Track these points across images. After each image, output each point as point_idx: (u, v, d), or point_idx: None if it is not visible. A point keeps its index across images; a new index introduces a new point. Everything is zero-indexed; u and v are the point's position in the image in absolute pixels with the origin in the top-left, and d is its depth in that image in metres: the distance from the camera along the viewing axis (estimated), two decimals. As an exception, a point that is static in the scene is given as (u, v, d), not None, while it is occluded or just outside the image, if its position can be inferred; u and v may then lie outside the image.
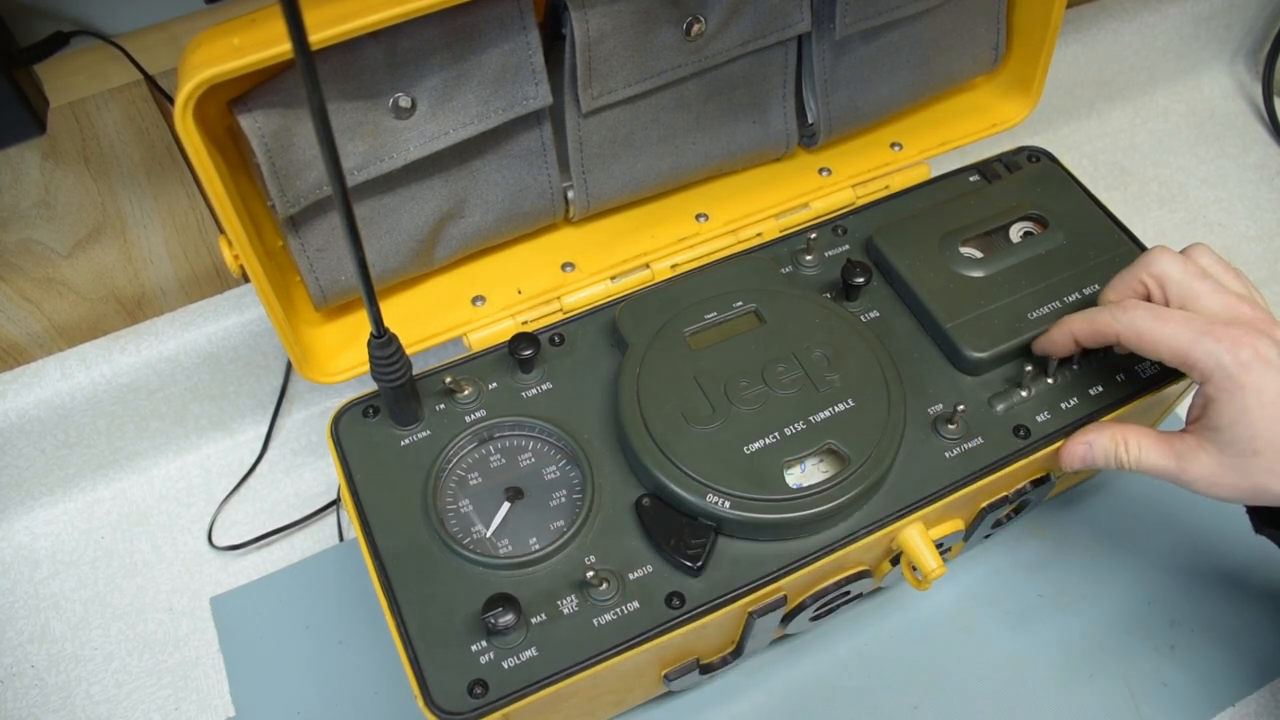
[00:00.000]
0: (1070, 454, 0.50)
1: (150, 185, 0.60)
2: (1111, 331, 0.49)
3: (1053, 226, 0.57)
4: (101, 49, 0.53)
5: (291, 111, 0.46)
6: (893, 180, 0.64)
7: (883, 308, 0.56)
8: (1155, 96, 0.89)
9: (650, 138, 0.57)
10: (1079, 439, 0.50)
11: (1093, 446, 0.50)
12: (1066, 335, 0.51)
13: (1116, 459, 0.49)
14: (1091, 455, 0.50)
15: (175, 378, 0.64)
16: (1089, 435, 0.50)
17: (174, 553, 0.65)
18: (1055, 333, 0.52)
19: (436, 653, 0.45)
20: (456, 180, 0.54)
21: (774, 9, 0.55)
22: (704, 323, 0.54)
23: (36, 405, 0.61)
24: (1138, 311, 0.48)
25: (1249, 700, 0.58)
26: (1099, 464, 0.50)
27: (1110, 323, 0.49)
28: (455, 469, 0.50)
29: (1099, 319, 0.49)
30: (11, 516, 0.65)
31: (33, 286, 0.61)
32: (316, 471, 0.68)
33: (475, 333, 0.57)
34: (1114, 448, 0.49)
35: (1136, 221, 0.81)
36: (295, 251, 0.52)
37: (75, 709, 0.59)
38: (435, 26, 0.47)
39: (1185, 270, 0.49)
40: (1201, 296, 0.48)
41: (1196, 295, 0.48)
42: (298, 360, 0.54)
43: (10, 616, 0.62)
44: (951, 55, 0.64)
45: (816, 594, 0.50)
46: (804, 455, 0.49)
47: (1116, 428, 0.49)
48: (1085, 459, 0.50)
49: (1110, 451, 0.49)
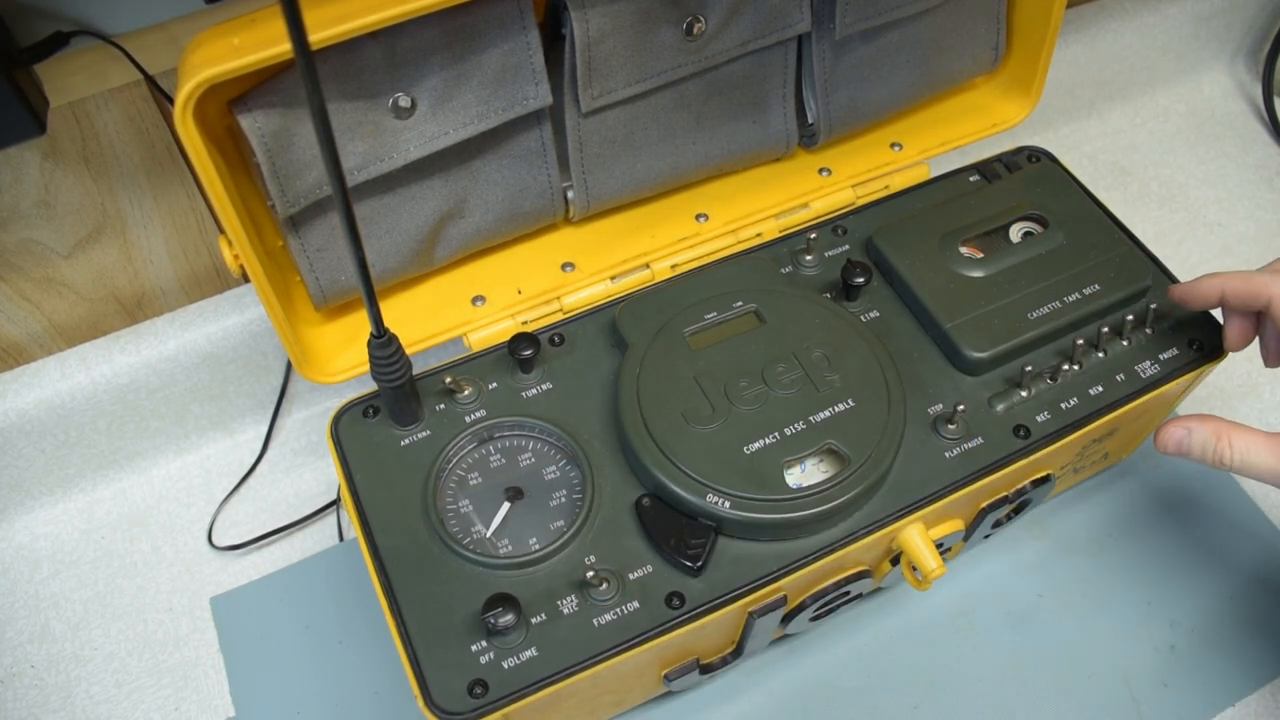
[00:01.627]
0: (1167, 436, 0.47)
1: (150, 185, 0.60)
2: (1266, 294, 0.46)
3: (1053, 226, 0.58)
4: (101, 49, 0.53)
5: (291, 111, 0.46)
6: (893, 180, 0.64)
7: (883, 308, 0.56)
8: (1155, 96, 0.89)
9: (650, 138, 0.58)
10: (1179, 423, 0.47)
11: (1191, 434, 0.47)
12: (1215, 289, 0.48)
13: (1216, 454, 0.46)
14: (1189, 442, 0.47)
15: (175, 378, 0.64)
16: (1190, 422, 0.47)
17: (174, 553, 0.65)
18: (1204, 284, 0.49)
19: (436, 653, 0.45)
20: (456, 180, 0.54)
21: (774, 9, 0.55)
22: (704, 323, 0.54)
23: (36, 405, 0.61)
24: None
25: (1249, 700, 0.58)
26: (1193, 454, 0.47)
27: (1268, 284, 0.46)
28: (455, 469, 0.50)
29: (1255, 279, 0.46)
30: (11, 516, 0.65)
31: (33, 286, 0.61)
32: (316, 471, 0.68)
33: (475, 333, 0.57)
34: (1214, 442, 0.46)
35: (1136, 221, 0.81)
36: (295, 251, 0.52)
37: (75, 709, 0.59)
38: (435, 26, 0.47)
39: None
40: None
41: None
42: (298, 360, 0.54)
43: (10, 616, 0.62)
44: (951, 55, 0.64)
45: (816, 594, 0.50)
46: (804, 455, 0.49)
47: (1223, 422, 0.46)
48: (1182, 445, 0.47)
49: (1210, 445, 0.46)
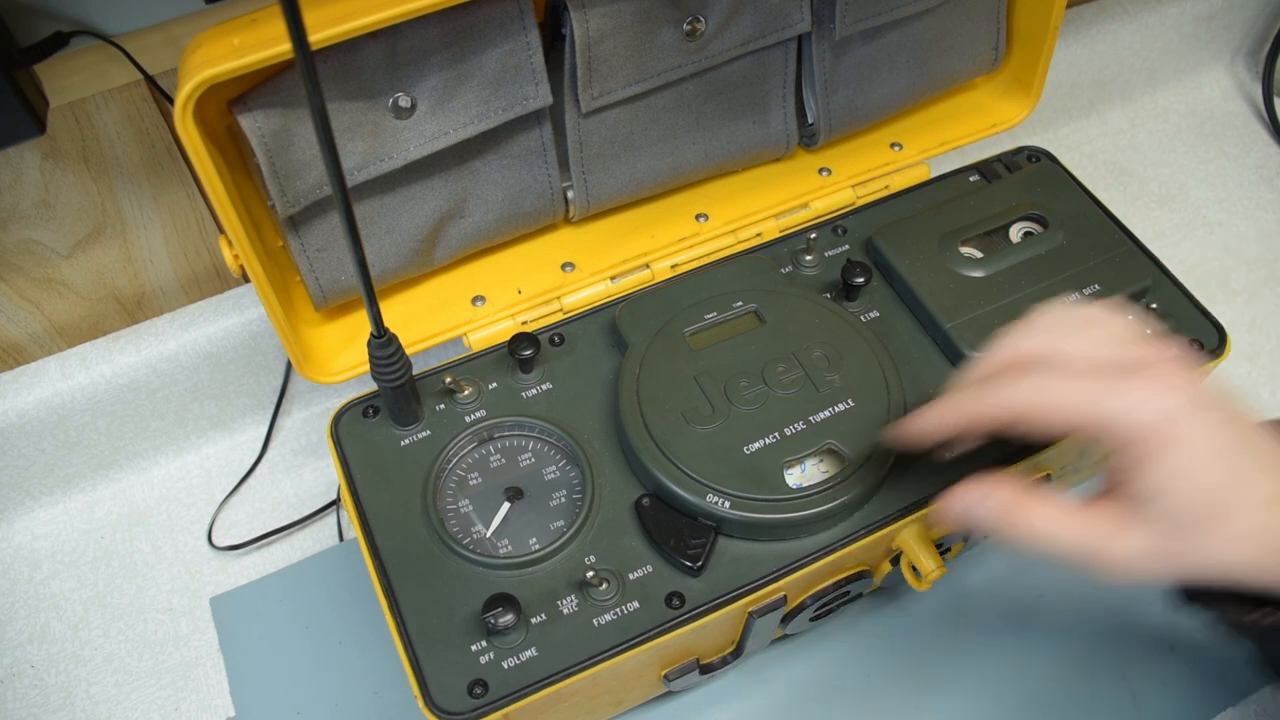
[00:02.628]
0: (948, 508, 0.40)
1: (150, 185, 0.60)
2: (990, 413, 0.39)
3: (1053, 226, 0.57)
4: (101, 49, 0.53)
5: (291, 111, 0.46)
6: (893, 180, 0.64)
7: (883, 308, 0.56)
8: (1155, 96, 0.89)
9: (650, 138, 0.57)
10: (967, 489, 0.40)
11: (981, 503, 0.39)
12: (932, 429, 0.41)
13: (1012, 526, 0.38)
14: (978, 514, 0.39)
15: (175, 378, 0.64)
16: (982, 488, 0.39)
17: (174, 553, 0.65)
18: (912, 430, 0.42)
19: (436, 653, 0.45)
20: (456, 180, 0.54)
21: (774, 9, 0.55)
22: (704, 323, 0.54)
23: (36, 405, 0.61)
24: (1021, 381, 0.38)
25: (1249, 700, 0.58)
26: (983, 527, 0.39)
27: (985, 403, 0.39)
28: (455, 469, 0.50)
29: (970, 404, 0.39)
30: (11, 516, 0.65)
31: (33, 286, 0.61)
32: (316, 471, 0.68)
33: (475, 333, 0.57)
34: (1008, 512, 0.38)
35: (1136, 221, 0.81)
36: (295, 251, 0.52)
37: (75, 709, 0.59)
38: (435, 26, 0.47)
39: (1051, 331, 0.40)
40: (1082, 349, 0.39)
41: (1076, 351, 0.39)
42: (298, 360, 0.54)
43: (10, 616, 0.62)
44: (951, 55, 0.64)
45: (816, 594, 0.50)
46: (804, 455, 0.49)
47: (1018, 486, 0.39)
48: (965, 515, 0.39)
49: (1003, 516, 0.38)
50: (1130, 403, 0.36)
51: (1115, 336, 0.40)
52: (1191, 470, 0.36)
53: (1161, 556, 0.37)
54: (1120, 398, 0.36)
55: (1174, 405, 0.36)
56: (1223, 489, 0.36)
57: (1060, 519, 0.38)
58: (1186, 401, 0.36)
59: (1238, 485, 0.36)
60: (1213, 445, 0.36)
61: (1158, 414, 0.36)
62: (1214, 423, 0.36)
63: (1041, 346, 0.40)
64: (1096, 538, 0.38)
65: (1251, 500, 0.36)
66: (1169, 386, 0.36)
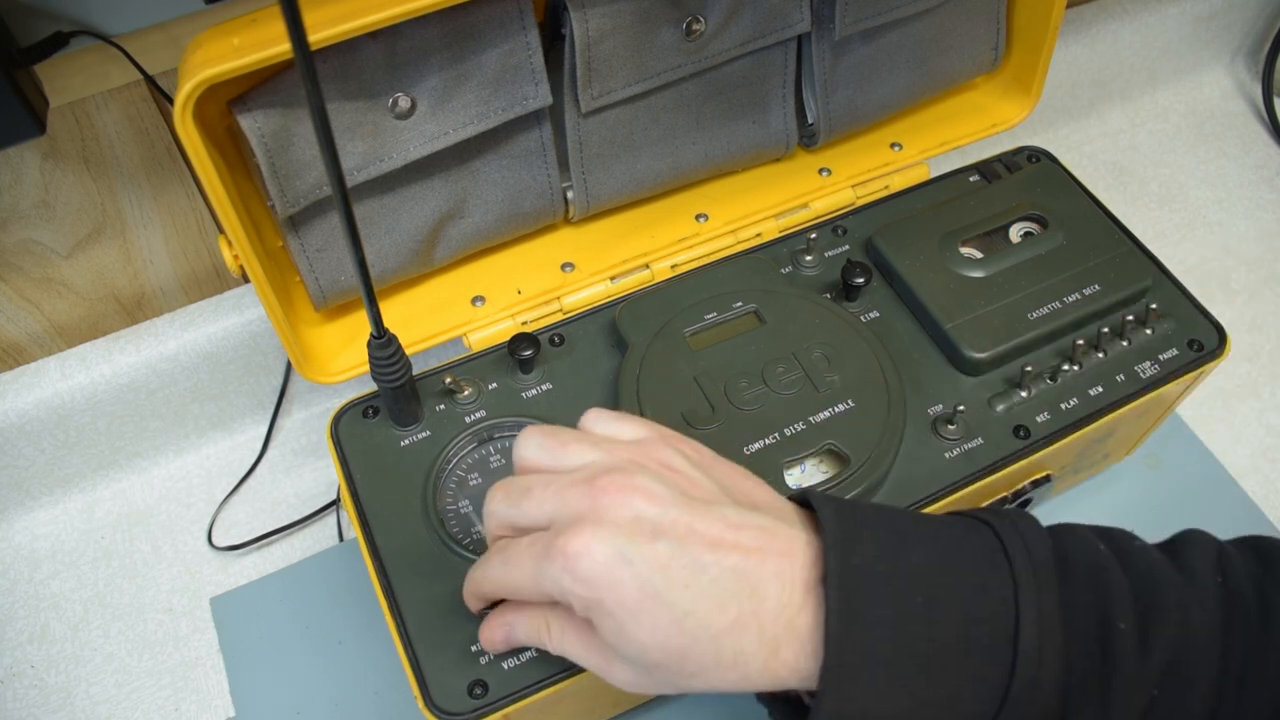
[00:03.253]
0: (490, 638, 0.42)
1: (150, 185, 0.60)
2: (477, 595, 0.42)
3: (1053, 226, 0.57)
4: (101, 49, 0.53)
5: (291, 111, 0.46)
6: (893, 180, 0.64)
7: (883, 308, 0.56)
8: (1155, 96, 0.89)
9: (650, 138, 0.57)
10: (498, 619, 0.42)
11: (514, 628, 0.41)
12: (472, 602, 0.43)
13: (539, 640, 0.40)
14: (514, 636, 0.41)
15: (175, 378, 0.64)
16: (508, 615, 0.41)
17: (174, 553, 0.65)
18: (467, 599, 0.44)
19: (436, 653, 0.45)
20: (456, 180, 0.54)
21: (774, 9, 0.55)
22: (704, 323, 0.54)
23: (36, 405, 0.61)
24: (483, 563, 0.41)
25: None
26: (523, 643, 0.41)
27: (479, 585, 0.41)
28: (455, 469, 0.50)
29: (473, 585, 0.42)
30: (11, 516, 0.65)
31: (33, 286, 0.61)
32: (316, 471, 0.68)
33: (475, 333, 0.57)
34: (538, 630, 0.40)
35: (1136, 221, 0.81)
36: (295, 251, 0.52)
37: (75, 709, 0.59)
38: (435, 26, 0.47)
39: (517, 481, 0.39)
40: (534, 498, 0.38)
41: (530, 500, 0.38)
42: (298, 360, 0.54)
43: (10, 616, 0.62)
44: (951, 55, 0.64)
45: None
46: (804, 455, 0.49)
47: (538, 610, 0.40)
48: (509, 640, 0.42)
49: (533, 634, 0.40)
50: (556, 575, 0.36)
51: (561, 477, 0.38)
52: (633, 631, 0.35)
53: (654, 685, 0.37)
54: (547, 572, 0.36)
55: (595, 563, 0.35)
56: (667, 636, 0.35)
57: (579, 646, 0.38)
58: (608, 551, 0.35)
59: (683, 625, 0.35)
60: (644, 592, 0.35)
61: (582, 578, 0.35)
62: (647, 563, 0.35)
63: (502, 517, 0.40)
64: (601, 666, 0.38)
65: (706, 635, 0.35)
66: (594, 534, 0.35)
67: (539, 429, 0.41)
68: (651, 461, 0.38)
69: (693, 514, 0.36)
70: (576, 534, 0.35)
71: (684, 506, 0.36)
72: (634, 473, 0.37)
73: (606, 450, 0.39)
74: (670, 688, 0.37)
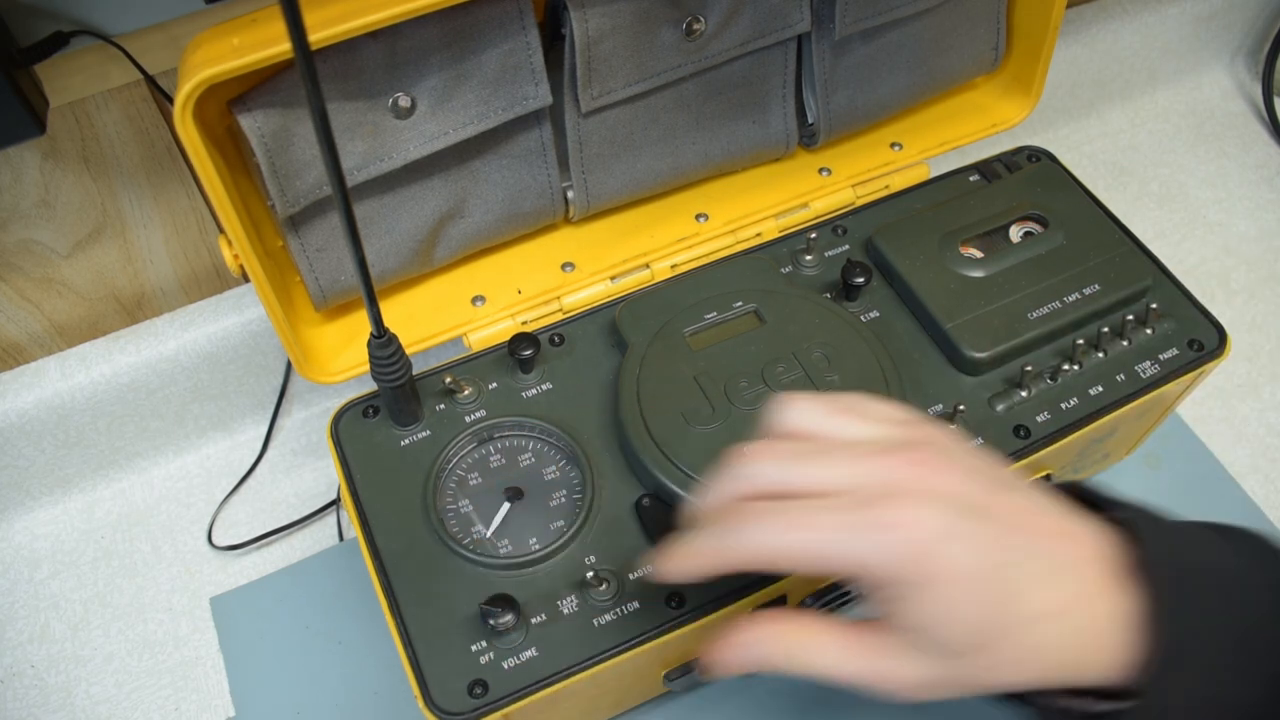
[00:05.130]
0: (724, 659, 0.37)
1: (150, 185, 0.60)
2: (734, 561, 0.36)
3: (1053, 226, 0.57)
4: (101, 49, 0.53)
5: (291, 111, 0.46)
6: (893, 180, 0.64)
7: (883, 308, 0.56)
8: (1155, 96, 0.89)
9: (650, 138, 0.58)
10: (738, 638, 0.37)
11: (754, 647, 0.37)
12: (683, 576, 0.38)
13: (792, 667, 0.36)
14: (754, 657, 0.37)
15: (175, 378, 0.64)
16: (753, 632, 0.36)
17: (174, 553, 0.65)
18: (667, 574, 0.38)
19: (436, 653, 0.45)
20: (456, 180, 0.54)
21: (774, 9, 0.55)
22: (704, 323, 0.54)
23: (36, 405, 0.61)
24: (754, 524, 0.35)
25: None
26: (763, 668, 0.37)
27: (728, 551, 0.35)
28: (455, 469, 0.50)
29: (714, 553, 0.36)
30: (11, 516, 0.65)
31: (33, 286, 0.61)
32: (316, 471, 0.68)
33: (475, 333, 0.57)
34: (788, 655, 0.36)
35: (1136, 221, 0.81)
36: (295, 251, 0.52)
37: (75, 709, 0.59)
38: (435, 26, 0.47)
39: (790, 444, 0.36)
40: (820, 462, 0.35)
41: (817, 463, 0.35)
42: (298, 360, 0.54)
43: (10, 616, 0.62)
44: (951, 55, 0.64)
45: (817, 593, 0.50)
46: (804, 455, 0.49)
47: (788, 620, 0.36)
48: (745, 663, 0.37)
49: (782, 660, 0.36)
50: (875, 543, 0.33)
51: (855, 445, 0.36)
52: (952, 606, 0.33)
53: (944, 682, 0.35)
54: (862, 538, 0.33)
55: (927, 534, 0.33)
56: (989, 619, 0.33)
57: (839, 654, 0.36)
58: (941, 523, 0.33)
59: (1005, 607, 0.33)
60: (975, 570, 0.33)
61: (909, 549, 0.33)
62: (977, 539, 0.33)
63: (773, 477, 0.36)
64: (876, 669, 0.36)
65: (1020, 621, 0.34)
66: (922, 505, 0.33)
67: (803, 396, 0.38)
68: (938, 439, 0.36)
69: (999, 495, 0.35)
70: (903, 504, 0.33)
71: (992, 488, 0.35)
72: (944, 448, 0.35)
73: (886, 426, 0.37)
74: (954, 688, 0.35)
